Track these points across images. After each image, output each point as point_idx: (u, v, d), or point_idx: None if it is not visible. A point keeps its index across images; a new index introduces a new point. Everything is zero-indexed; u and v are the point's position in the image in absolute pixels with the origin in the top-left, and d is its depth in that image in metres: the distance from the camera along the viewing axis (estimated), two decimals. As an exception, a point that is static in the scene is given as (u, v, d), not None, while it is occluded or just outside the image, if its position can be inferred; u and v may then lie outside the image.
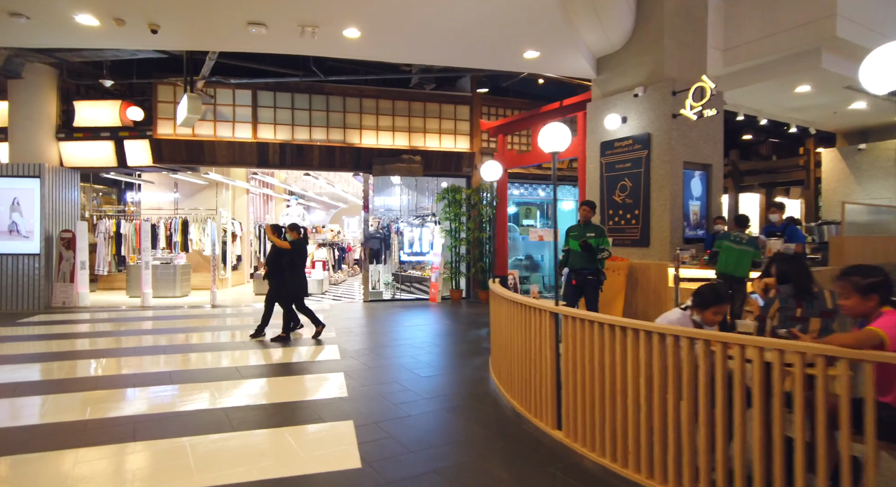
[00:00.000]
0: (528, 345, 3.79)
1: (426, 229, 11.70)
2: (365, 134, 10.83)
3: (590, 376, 3.09)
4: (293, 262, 6.80)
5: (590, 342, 3.09)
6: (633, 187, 7.33)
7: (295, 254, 6.77)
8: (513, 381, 4.12)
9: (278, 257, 6.81)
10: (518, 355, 3.97)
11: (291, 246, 6.71)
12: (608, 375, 2.99)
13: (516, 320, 4.00)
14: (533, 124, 9.86)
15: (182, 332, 7.41)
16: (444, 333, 7.48)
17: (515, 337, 4.03)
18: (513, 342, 4.10)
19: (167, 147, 9.92)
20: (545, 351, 3.49)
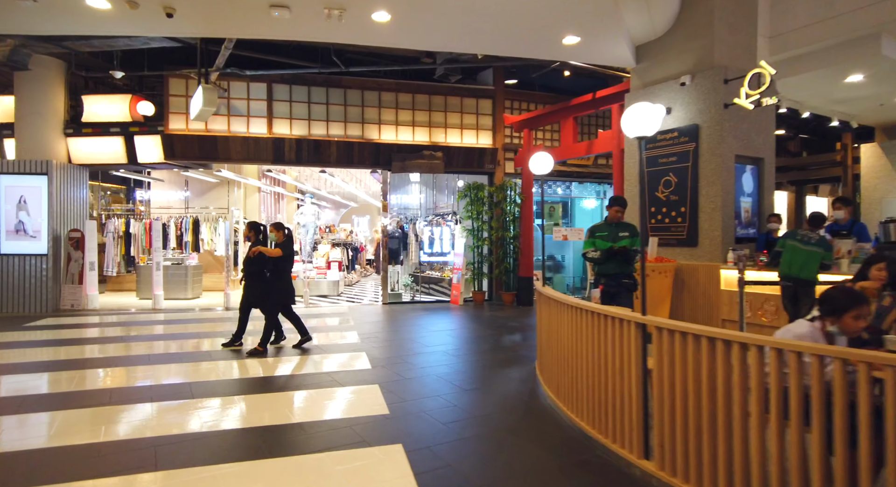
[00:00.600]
0: (601, 359, 3.32)
1: (447, 229, 11.24)
2: (384, 129, 10.39)
3: (694, 398, 2.62)
4: (279, 266, 6.12)
5: (693, 358, 2.62)
6: (678, 182, 6.85)
7: (282, 258, 6.11)
8: (578, 399, 3.65)
9: (260, 260, 6.08)
10: (587, 370, 3.50)
11: (281, 251, 6.05)
12: (720, 398, 2.52)
13: (584, 330, 3.53)
14: (562, 118, 9.39)
15: (197, 337, 6.98)
16: (474, 339, 7.01)
17: (582, 350, 3.56)
18: (578, 354, 3.63)
19: (179, 143, 9.50)
20: (629, 368, 3.03)
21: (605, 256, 4.78)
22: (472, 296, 10.77)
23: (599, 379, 3.34)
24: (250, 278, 6.20)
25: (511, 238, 10.52)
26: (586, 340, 3.50)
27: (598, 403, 3.36)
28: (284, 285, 6.21)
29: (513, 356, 5.95)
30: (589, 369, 3.47)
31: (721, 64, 6.46)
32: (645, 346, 2.96)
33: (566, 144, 9.31)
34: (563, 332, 3.90)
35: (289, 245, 6.21)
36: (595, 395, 3.40)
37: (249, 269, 6.20)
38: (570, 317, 3.76)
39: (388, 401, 4.26)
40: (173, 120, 9.54)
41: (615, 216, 4.98)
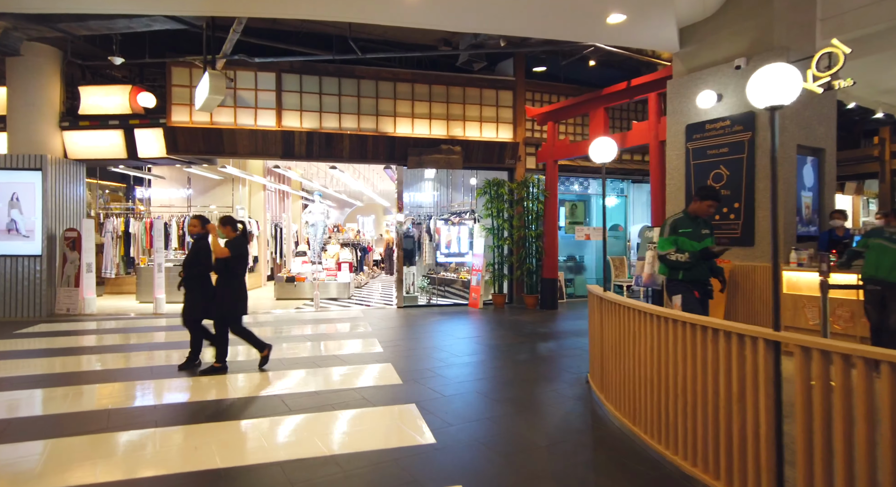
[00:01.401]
0: (704, 383, 2.72)
1: (463, 228, 10.64)
2: (399, 122, 9.79)
3: (863, 441, 2.03)
4: (230, 269, 5.11)
5: (865, 390, 2.03)
6: (731, 176, 6.26)
7: (234, 259, 5.09)
8: (667, 428, 3.06)
9: (205, 260, 5.19)
10: (680, 395, 2.90)
11: (230, 251, 5.04)
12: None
13: (674, 346, 2.93)
14: (591, 109, 8.79)
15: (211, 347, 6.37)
16: (506, 347, 6.41)
17: (671, 370, 2.97)
18: (665, 375, 3.04)
19: (182, 136, 8.90)
20: (755, 397, 2.43)
21: (698, 258, 3.92)
22: (493, 299, 10.17)
23: (703, 408, 2.74)
24: (191, 282, 5.25)
25: (534, 237, 9.92)
26: (678, 358, 2.91)
27: (702, 437, 2.76)
28: (235, 293, 5.16)
29: (555, 369, 5.36)
30: (683, 393, 2.88)
31: (782, 45, 5.87)
32: (778, 370, 2.36)
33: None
34: (640, 347, 3.30)
35: (241, 244, 5.21)
36: (696, 427, 2.80)
37: (190, 271, 5.23)
38: (651, 330, 3.16)
39: (431, 426, 3.66)
40: (176, 112, 8.94)
41: (707, 212, 4.09)
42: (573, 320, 8.57)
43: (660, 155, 7.71)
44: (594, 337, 4.38)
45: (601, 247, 12.13)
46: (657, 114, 7.74)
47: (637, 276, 7.75)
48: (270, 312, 9.29)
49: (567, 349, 6.31)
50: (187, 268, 5.26)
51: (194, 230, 5.30)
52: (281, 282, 11.07)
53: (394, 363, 5.52)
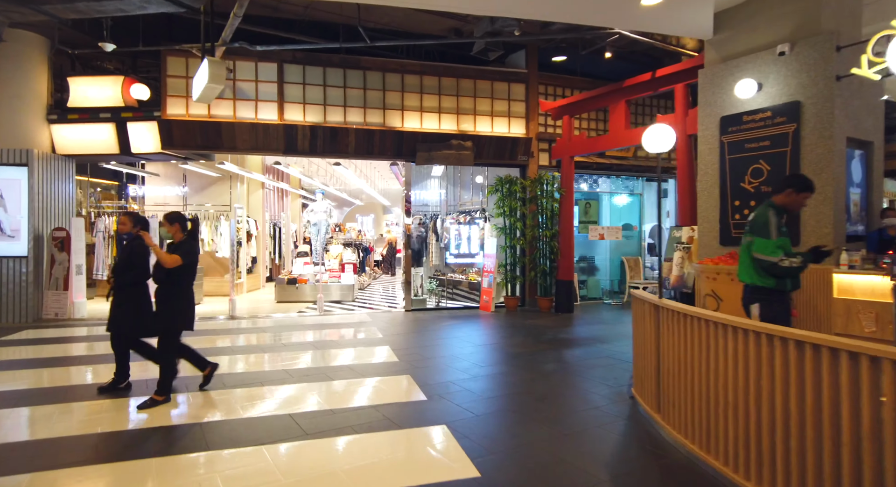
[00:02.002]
0: (815, 412, 2.27)
1: (474, 227, 10.17)
2: (407, 116, 9.31)
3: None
4: (175, 277, 4.21)
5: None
6: (772, 171, 5.82)
7: (182, 268, 4.20)
8: (760, 462, 2.60)
9: (139, 264, 4.38)
10: (785, 426, 2.45)
11: (183, 258, 4.16)
12: None
13: (775, 366, 2.48)
14: (611, 102, 8.34)
15: (209, 356, 5.86)
16: (529, 356, 5.96)
17: (770, 395, 2.51)
18: (758, 399, 2.58)
19: (178, 130, 8.38)
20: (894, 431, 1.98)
21: (810, 261, 3.30)
22: (505, 302, 9.72)
23: (815, 444, 2.29)
24: (123, 292, 4.40)
25: (548, 237, 9.46)
26: (778, 381, 2.45)
27: (814, 475, 2.30)
28: (181, 304, 4.30)
29: (589, 381, 4.90)
30: (784, 423, 2.42)
31: (830, 29, 5.43)
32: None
33: (616, 132, 8.27)
34: (720, 365, 2.84)
35: (193, 249, 4.30)
36: (804, 465, 2.35)
37: (122, 278, 4.39)
38: (739, 346, 2.70)
39: (470, 453, 3.19)
40: (171, 104, 8.42)
41: (801, 206, 3.52)
42: (593, 324, 8.12)
43: (687, 150, 7.28)
44: (644, 350, 3.92)
45: (614, 247, 11.77)
46: (684, 106, 7.31)
47: (664, 278, 7.31)
48: (270, 316, 8.79)
49: (596, 357, 5.86)
50: (119, 274, 4.41)
51: (124, 229, 4.47)
52: (282, 284, 10.57)
53: (413, 374, 5.05)
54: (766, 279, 3.33)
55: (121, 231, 4.37)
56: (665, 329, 3.47)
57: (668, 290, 7.16)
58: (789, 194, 3.45)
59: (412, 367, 5.34)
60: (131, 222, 4.46)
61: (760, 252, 3.31)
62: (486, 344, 6.57)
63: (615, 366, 5.45)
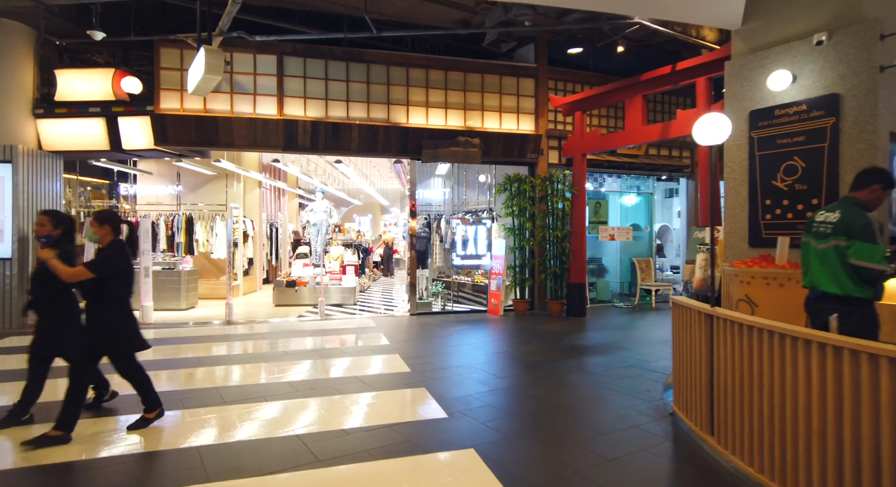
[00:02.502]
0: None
1: (481, 228, 9.79)
2: (413, 112, 8.92)
3: None
4: (104, 290, 3.58)
5: None
6: (808, 168, 5.47)
7: (111, 278, 3.59)
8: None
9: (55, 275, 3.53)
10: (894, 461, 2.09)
11: (96, 270, 3.51)
12: None
13: (880, 390, 2.11)
14: (627, 97, 7.99)
15: (203, 366, 5.46)
16: (549, 366, 5.59)
17: (872, 426, 2.15)
18: (856, 429, 2.22)
19: (172, 125, 7.95)
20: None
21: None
22: (514, 305, 9.34)
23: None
24: (45, 306, 3.75)
25: (560, 238, 9.10)
26: (883, 407, 2.09)
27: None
28: (116, 319, 3.70)
29: (621, 395, 4.53)
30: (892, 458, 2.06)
31: (873, 16, 5.09)
32: None
33: (633, 128, 7.91)
34: (803, 388, 2.47)
35: (118, 256, 3.65)
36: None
37: (41, 291, 3.71)
38: (823, 364, 2.33)
39: (506, 484, 2.80)
40: (165, 98, 7.99)
41: (881, 203, 3.17)
42: (608, 329, 7.76)
43: (710, 146, 6.93)
44: (688, 363, 3.55)
45: (623, 248, 11.43)
46: (707, 101, 6.96)
47: (686, 281, 6.96)
48: (269, 321, 8.37)
49: (620, 366, 5.49)
50: (38, 286, 3.73)
51: (43, 231, 3.71)
52: (280, 287, 10.14)
53: (428, 387, 4.66)
54: (865, 289, 2.92)
55: (38, 234, 3.72)
56: (721, 342, 3.10)
57: (689, 294, 6.80)
58: (875, 190, 3.07)
59: (426, 378, 4.95)
60: (51, 222, 3.72)
61: (865, 259, 2.87)
62: (500, 352, 6.19)
63: (643, 376, 5.09)
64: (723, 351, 3.08)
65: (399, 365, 5.46)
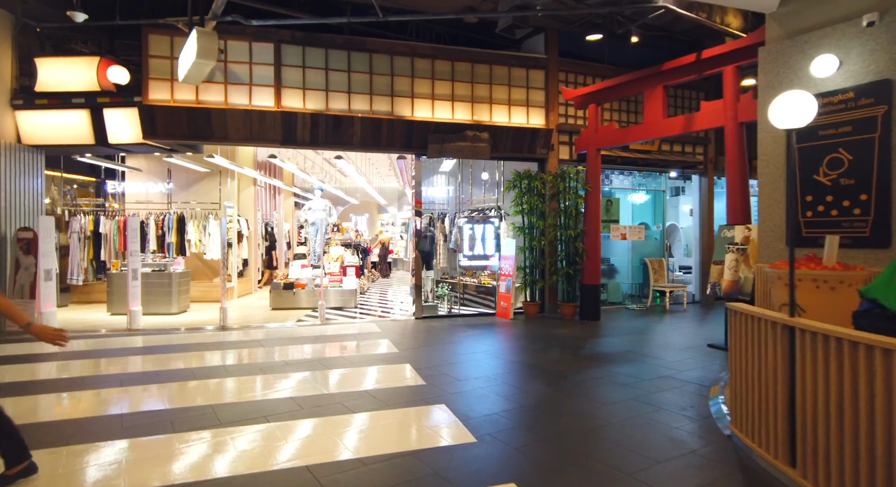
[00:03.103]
0: None
1: (489, 227, 9.33)
2: (418, 104, 8.43)
3: None
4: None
5: None
6: (855, 161, 5.05)
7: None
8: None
9: None
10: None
11: None
12: None
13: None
14: (647, 88, 7.55)
15: (195, 378, 4.95)
16: (576, 377, 5.13)
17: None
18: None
19: (162, 117, 7.42)
20: None
21: None
22: (524, 308, 8.89)
23: None
24: None
25: (573, 238, 8.64)
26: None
27: None
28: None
29: (664, 410, 4.08)
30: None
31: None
32: None
33: (652, 121, 7.48)
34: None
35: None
36: None
37: None
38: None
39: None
40: (154, 88, 7.46)
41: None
42: (628, 334, 7.32)
43: (738, 139, 6.52)
44: (759, 383, 3.10)
45: (633, 248, 11.01)
46: (735, 90, 6.54)
47: (713, 283, 6.53)
48: (266, 326, 7.87)
49: (654, 377, 5.05)
50: None
51: None
52: (277, 289, 9.63)
53: (447, 403, 4.19)
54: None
55: None
56: (808, 359, 2.65)
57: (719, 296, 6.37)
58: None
59: (444, 393, 4.48)
60: None
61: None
62: (519, 361, 5.72)
63: (681, 389, 4.64)
64: (810, 370, 2.63)
65: (412, 377, 4.99)
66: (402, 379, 4.94)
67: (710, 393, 4.48)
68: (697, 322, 8.39)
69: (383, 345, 6.48)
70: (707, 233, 10.66)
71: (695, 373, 5.19)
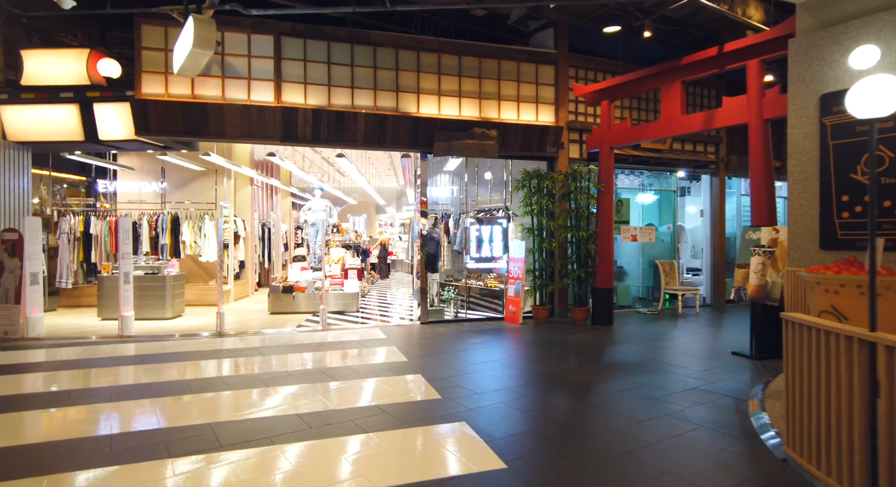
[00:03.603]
0: None
1: (496, 228, 9.00)
2: (424, 100, 8.10)
3: None
4: None
5: None
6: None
7: None
8: None
9: None
10: None
11: None
12: None
13: None
14: (664, 83, 7.25)
15: (192, 392, 4.59)
16: (601, 389, 4.81)
17: None
18: None
19: (155, 112, 7.04)
20: None
21: None
22: (533, 312, 8.56)
23: None
24: None
25: (585, 239, 8.33)
26: None
27: None
28: None
29: (705, 429, 3.76)
30: None
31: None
32: None
33: (670, 118, 7.17)
34: None
35: None
36: None
37: None
38: None
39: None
40: (147, 82, 7.08)
41: None
42: (646, 340, 7.01)
43: (762, 136, 6.22)
44: (826, 405, 2.78)
45: (642, 250, 10.72)
46: (759, 86, 6.24)
47: (738, 287, 6.23)
48: (264, 332, 7.49)
49: (683, 389, 4.73)
50: None
51: None
52: (276, 293, 9.26)
53: (468, 420, 3.85)
54: None
55: None
56: (895, 380, 2.32)
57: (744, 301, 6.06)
58: None
59: (462, 408, 4.14)
60: None
61: None
62: (537, 371, 5.39)
63: (716, 403, 4.33)
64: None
65: (426, 390, 4.64)
66: (416, 392, 4.59)
67: (750, 408, 4.16)
68: (714, 327, 8.10)
69: (390, 353, 6.14)
70: (718, 234, 10.37)
71: (726, 385, 4.87)
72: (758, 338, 6.07)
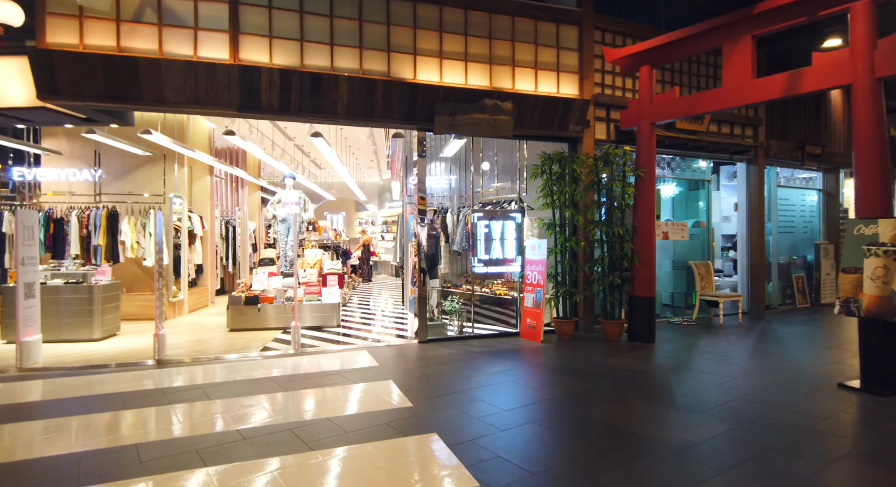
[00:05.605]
0: None
1: (507, 224, 7.41)
2: (422, 64, 6.48)
3: None
4: None
5: None
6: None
7: None
8: None
9: None
10: None
11: None
12: None
13: None
14: (725, 40, 5.77)
15: (110, 480, 2.88)
16: (709, 448, 3.27)
17: None
18: None
19: (66, 68, 5.25)
20: None
21: None
22: (555, 326, 7.01)
23: None
24: None
25: (620, 237, 6.81)
26: None
27: None
28: None
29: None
30: None
31: None
32: None
33: (736, 84, 5.69)
34: None
35: None
36: None
37: None
38: None
39: None
40: (55, 28, 5.29)
41: None
42: (709, 365, 5.50)
43: (874, 101, 4.76)
44: None
45: (671, 249, 9.25)
46: (868, 35, 4.79)
47: (846, 298, 4.75)
48: (220, 358, 5.78)
49: (820, 459, 3.21)
50: None
51: None
52: (237, 305, 7.50)
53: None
54: None
55: None
56: None
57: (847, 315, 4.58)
58: None
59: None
60: None
61: None
62: (601, 424, 3.81)
63: (870, 476, 2.82)
64: None
65: (453, 467, 3.02)
66: (438, 473, 2.97)
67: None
68: (775, 344, 6.66)
69: (387, 392, 4.50)
70: (757, 231, 9.00)
71: (869, 445, 3.38)
72: (874, 366, 4.63)
